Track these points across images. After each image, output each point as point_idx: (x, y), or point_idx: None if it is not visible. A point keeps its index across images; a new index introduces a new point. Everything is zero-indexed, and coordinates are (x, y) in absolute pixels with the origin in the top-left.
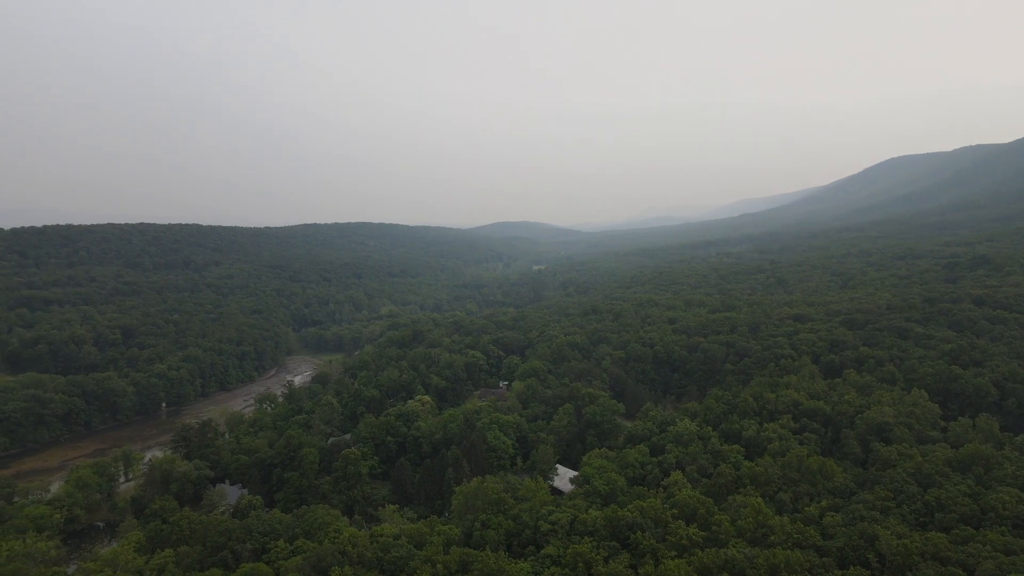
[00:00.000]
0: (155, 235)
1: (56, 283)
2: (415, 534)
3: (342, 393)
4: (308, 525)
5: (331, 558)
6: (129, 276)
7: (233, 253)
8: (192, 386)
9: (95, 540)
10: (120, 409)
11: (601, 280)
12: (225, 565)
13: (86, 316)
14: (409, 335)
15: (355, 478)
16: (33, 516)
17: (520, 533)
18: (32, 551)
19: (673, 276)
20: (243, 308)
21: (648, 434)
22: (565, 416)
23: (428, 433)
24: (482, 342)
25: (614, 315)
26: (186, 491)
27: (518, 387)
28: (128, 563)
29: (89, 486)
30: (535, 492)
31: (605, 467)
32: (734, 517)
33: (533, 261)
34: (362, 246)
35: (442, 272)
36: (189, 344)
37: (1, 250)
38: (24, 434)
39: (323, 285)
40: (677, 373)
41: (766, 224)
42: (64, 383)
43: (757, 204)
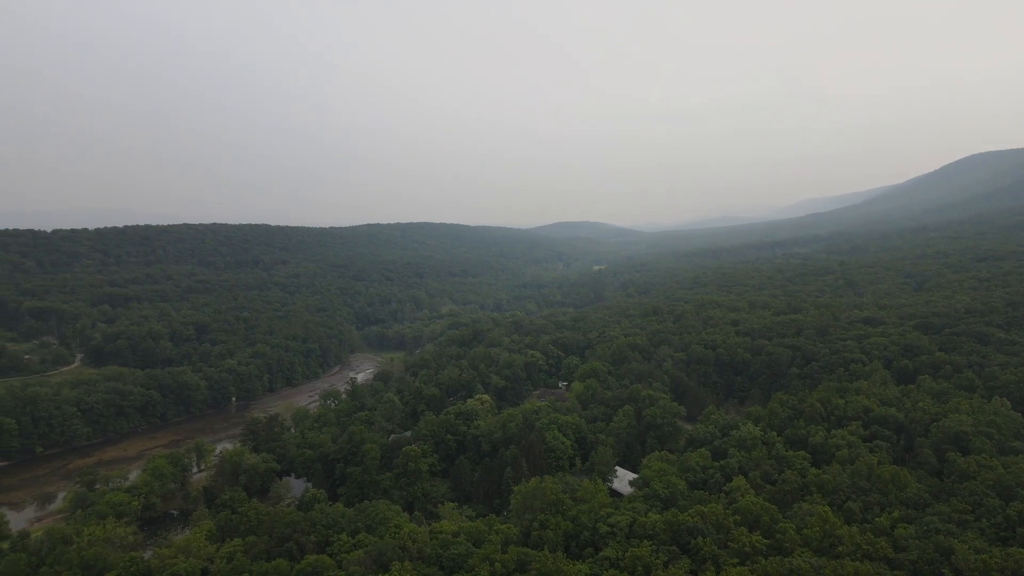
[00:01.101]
0: (227, 235)
1: (135, 281)
2: (474, 532)
3: (403, 391)
4: (370, 520)
5: (392, 553)
6: (202, 274)
7: (300, 253)
8: (260, 381)
9: (169, 527)
10: (193, 402)
11: (662, 281)
12: (290, 556)
13: (163, 313)
14: (469, 334)
15: (415, 475)
16: (113, 503)
17: (578, 534)
18: (112, 536)
19: (736, 277)
20: (309, 306)
21: (710, 438)
22: (625, 418)
23: (487, 432)
24: (541, 342)
25: (675, 316)
26: (254, 483)
27: (577, 388)
28: (200, 551)
29: (165, 476)
30: (594, 494)
31: (665, 470)
32: (800, 525)
33: (593, 261)
34: (424, 246)
35: (502, 272)
36: (258, 341)
37: (86, 249)
38: (106, 424)
39: (385, 284)
40: (740, 376)
41: (834, 224)
42: (142, 376)
43: (825, 203)
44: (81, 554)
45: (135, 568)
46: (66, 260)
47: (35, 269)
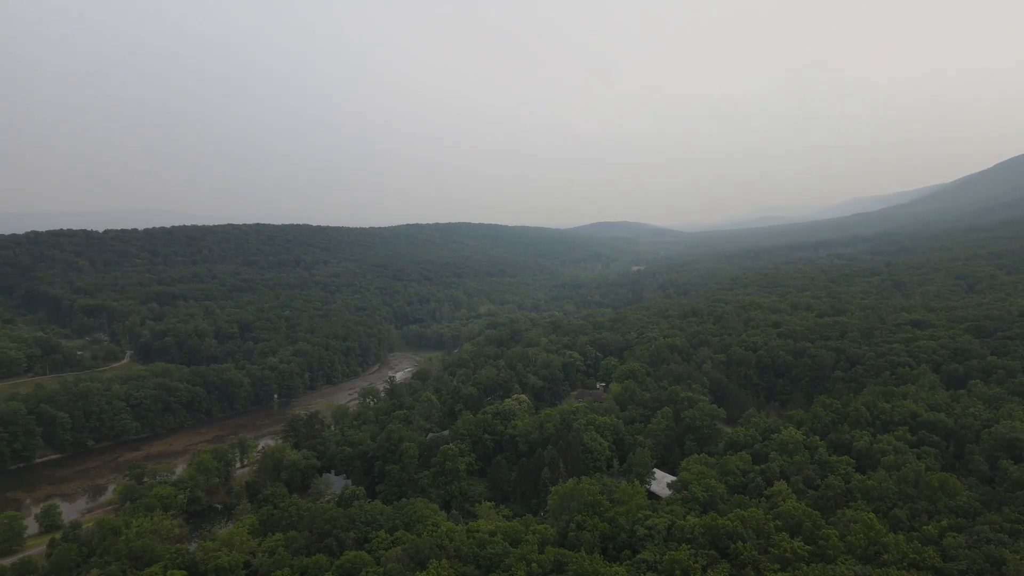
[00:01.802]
0: (270, 235)
1: (182, 279)
2: (510, 532)
3: (441, 390)
4: (408, 517)
5: (429, 551)
6: (246, 273)
7: (340, 252)
8: (301, 379)
9: (213, 521)
10: (237, 399)
11: (702, 281)
12: (330, 551)
13: (208, 311)
14: (507, 334)
15: (453, 474)
16: (160, 496)
17: (616, 536)
18: (159, 528)
19: (778, 278)
20: (349, 305)
21: (750, 441)
22: (663, 419)
23: (524, 432)
24: (579, 342)
25: (715, 317)
26: (295, 479)
27: (615, 388)
28: (242, 544)
29: (209, 470)
30: (631, 495)
31: (704, 473)
32: (843, 532)
33: (632, 261)
34: (462, 246)
35: (540, 272)
36: (299, 339)
37: (135, 249)
38: (153, 419)
39: (424, 284)
40: (782, 379)
41: (881, 224)
42: (188, 373)
43: (871, 203)
44: (129, 545)
45: (180, 560)
46: (117, 259)
47: (88, 268)
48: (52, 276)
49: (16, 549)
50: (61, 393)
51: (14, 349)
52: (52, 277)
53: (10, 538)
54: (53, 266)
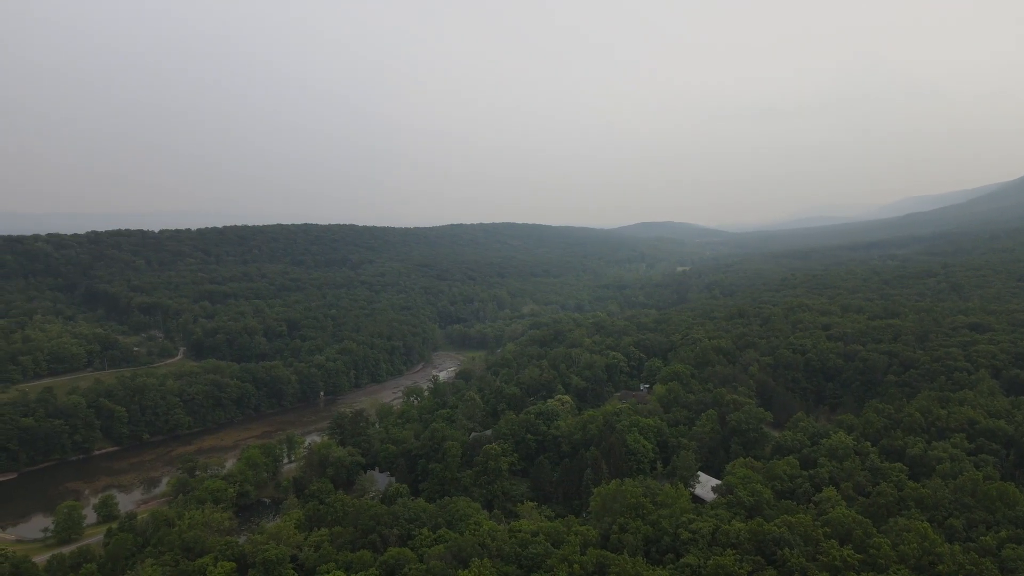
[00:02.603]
0: (317, 235)
1: (233, 278)
2: (553, 532)
3: (484, 389)
4: (450, 516)
5: (471, 549)
6: (294, 273)
7: (386, 252)
8: (347, 377)
9: (262, 514)
10: (284, 396)
11: (749, 282)
12: (373, 548)
13: (257, 309)
14: (550, 334)
15: (495, 473)
16: (211, 489)
17: (659, 539)
18: (210, 520)
19: (828, 279)
20: (394, 305)
21: (798, 446)
22: (708, 422)
23: (567, 433)
24: (623, 343)
25: (762, 319)
26: (340, 475)
27: (659, 390)
28: (289, 538)
29: (258, 465)
30: (675, 498)
31: (750, 477)
32: (896, 541)
33: (677, 262)
34: (506, 246)
35: (584, 272)
36: (345, 337)
37: (189, 248)
38: (205, 414)
39: (468, 284)
40: (831, 383)
41: (937, 224)
42: (238, 370)
43: (926, 203)
44: (182, 536)
45: (230, 552)
46: (171, 259)
47: (144, 267)
48: (110, 275)
49: (75, 538)
50: (119, 388)
51: (75, 345)
52: (110, 276)
53: (70, 527)
54: (111, 265)
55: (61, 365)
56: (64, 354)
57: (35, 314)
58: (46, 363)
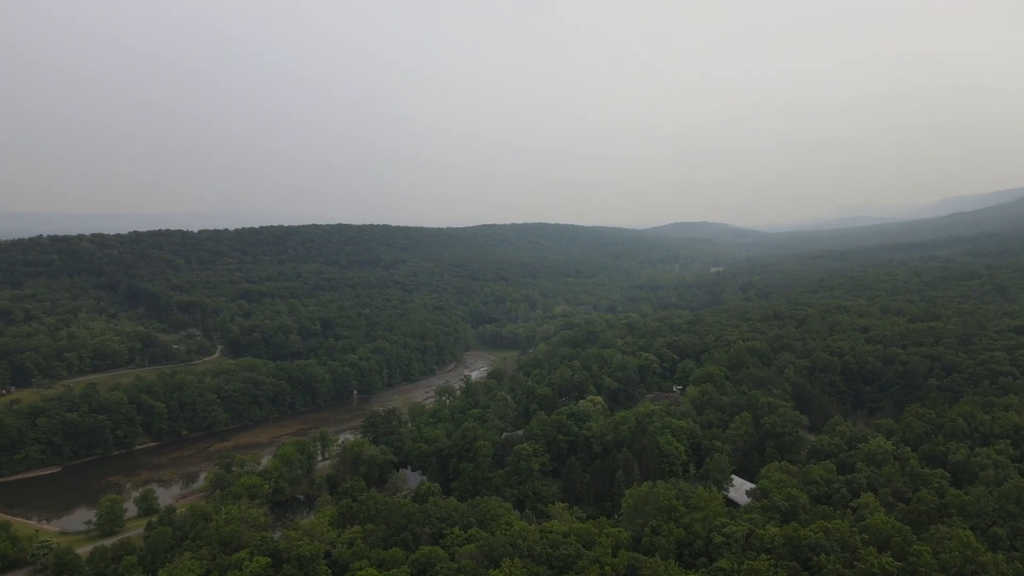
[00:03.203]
0: (351, 235)
1: (269, 278)
2: (584, 533)
3: (516, 390)
4: (481, 515)
5: (502, 549)
6: (328, 272)
7: (418, 252)
8: (380, 376)
9: (296, 511)
10: (319, 394)
11: (784, 284)
12: (405, 545)
13: (292, 308)
14: (582, 335)
15: (526, 473)
16: (247, 485)
17: (691, 543)
18: (246, 516)
19: (867, 281)
20: (426, 304)
21: (835, 450)
22: (742, 425)
23: (599, 434)
24: (656, 345)
25: (798, 321)
26: (373, 473)
27: (692, 392)
28: (323, 535)
29: (292, 462)
30: (708, 502)
31: (785, 481)
32: (936, 549)
33: (711, 263)
34: (538, 246)
35: (616, 273)
36: (378, 337)
37: (227, 248)
38: (241, 411)
39: (500, 284)
40: (870, 386)
41: (981, 224)
42: (274, 368)
43: (969, 202)
44: (219, 531)
45: (265, 547)
46: (210, 258)
47: (183, 266)
48: (151, 274)
49: (117, 530)
50: (159, 384)
51: (117, 342)
52: (151, 275)
53: (112, 520)
54: (152, 264)
55: (104, 362)
56: (107, 351)
57: (80, 312)
58: (90, 360)
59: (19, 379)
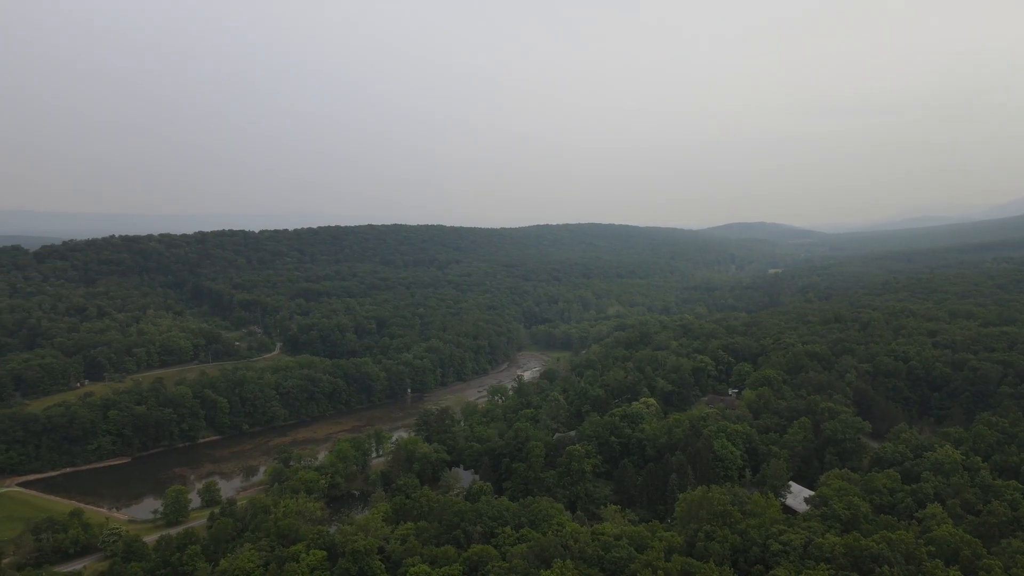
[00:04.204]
0: (406, 235)
1: (326, 277)
2: (636, 537)
3: (568, 390)
4: (533, 515)
5: (554, 550)
6: (383, 272)
7: (472, 252)
8: (433, 375)
9: (351, 506)
10: (373, 392)
11: (846, 286)
12: (457, 544)
13: (348, 307)
14: (636, 336)
15: (578, 475)
16: (304, 480)
17: (747, 549)
18: (303, 509)
19: (935, 283)
20: (479, 304)
21: (899, 458)
22: (801, 430)
23: (652, 436)
24: (711, 347)
25: (861, 324)
26: (426, 471)
27: (749, 396)
28: (377, 530)
29: (348, 458)
30: (765, 508)
31: (846, 489)
32: (1008, 564)
33: (769, 264)
34: (592, 247)
35: (671, 274)
36: (432, 336)
37: (286, 248)
38: (299, 407)
39: (553, 284)
40: (937, 393)
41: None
42: (330, 365)
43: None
44: (277, 523)
45: (321, 541)
46: (270, 258)
47: (245, 266)
48: (215, 273)
49: (181, 520)
50: (221, 380)
51: (183, 338)
52: (215, 274)
53: (177, 510)
54: (216, 264)
55: (171, 357)
56: (173, 347)
57: (148, 309)
58: (157, 355)
59: (92, 373)
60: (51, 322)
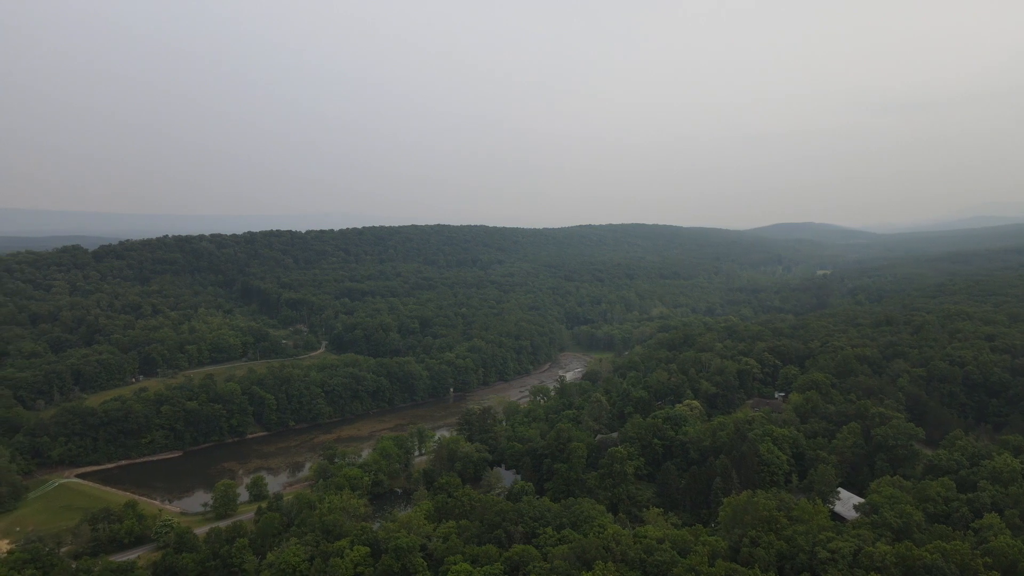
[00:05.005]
0: (449, 235)
1: (370, 277)
2: (679, 540)
3: (611, 392)
4: (574, 517)
5: (595, 552)
6: (427, 272)
7: (515, 253)
8: (475, 375)
9: (394, 503)
10: (416, 391)
11: (898, 288)
12: (499, 543)
13: (392, 307)
14: (679, 338)
15: (620, 476)
16: (349, 476)
17: (793, 556)
18: (347, 506)
19: (993, 286)
20: (521, 304)
21: (955, 466)
22: (850, 435)
23: (696, 439)
24: (756, 349)
25: (914, 328)
26: (468, 470)
27: (796, 399)
28: (419, 528)
29: (391, 456)
30: (812, 515)
31: (898, 497)
32: None
33: (817, 265)
34: (635, 247)
35: (716, 275)
36: (474, 336)
37: (331, 248)
38: (343, 405)
39: (595, 285)
40: (995, 399)
41: None
42: (374, 364)
43: None
44: (322, 519)
45: (365, 537)
46: (316, 258)
47: (292, 265)
48: (263, 272)
49: (230, 513)
50: (269, 377)
51: (232, 336)
52: (263, 273)
53: (226, 503)
54: (264, 263)
55: (220, 354)
56: (223, 345)
57: (199, 307)
58: (208, 352)
59: (146, 369)
60: (108, 319)
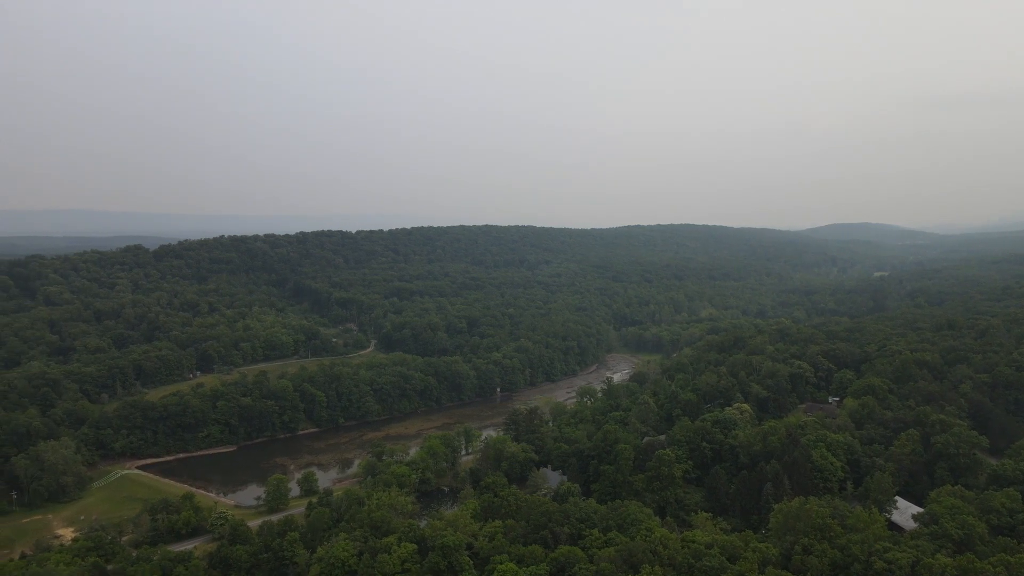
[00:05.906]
0: (497, 236)
1: (419, 276)
2: (728, 546)
3: (658, 394)
4: (621, 519)
5: (642, 555)
6: (474, 272)
7: (562, 253)
8: (522, 375)
9: (440, 501)
10: (463, 390)
11: (960, 290)
12: (544, 544)
13: (440, 307)
14: (729, 340)
15: (668, 479)
16: (396, 474)
17: (848, 566)
18: (394, 503)
19: None
20: (569, 305)
21: (1021, 477)
22: (909, 443)
23: (746, 443)
24: (809, 352)
25: (977, 332)
26: (514, 470)
27: (851, 404)
28: (465, 527)
29: (438, 455)
30: (868, 523)
31: (959, 508)
32: None
33: (873, 267)
34: (684, 247)
35: (767, 276)
36: (521, 336)
37: (381, 248)
38: (392, 403)
39: (643, 286)
40: None
41: None
42: (422, 363)
43: None
44: (370, 515)
45: (412, 534)
46: (366, 257)
47: (342, 265)
48: (315, 271)
49: (282, 507)
50: (319, 375)
51: (285, 334)
52: (315, 272)
53: (278, 498)
54: (316, 263)
55: (273, 352)
56: (276, 342)
57: (254, 306)
58: (261, 349)
59: (203, 365)
60: (167, 317)
